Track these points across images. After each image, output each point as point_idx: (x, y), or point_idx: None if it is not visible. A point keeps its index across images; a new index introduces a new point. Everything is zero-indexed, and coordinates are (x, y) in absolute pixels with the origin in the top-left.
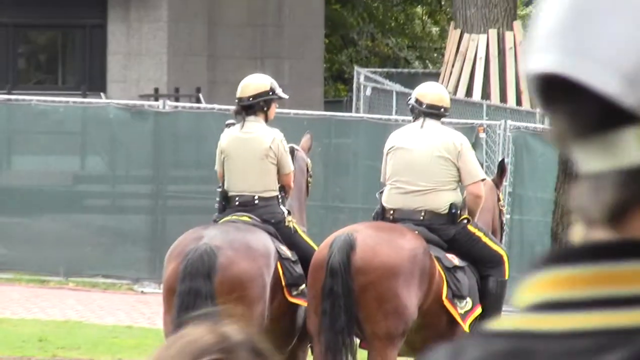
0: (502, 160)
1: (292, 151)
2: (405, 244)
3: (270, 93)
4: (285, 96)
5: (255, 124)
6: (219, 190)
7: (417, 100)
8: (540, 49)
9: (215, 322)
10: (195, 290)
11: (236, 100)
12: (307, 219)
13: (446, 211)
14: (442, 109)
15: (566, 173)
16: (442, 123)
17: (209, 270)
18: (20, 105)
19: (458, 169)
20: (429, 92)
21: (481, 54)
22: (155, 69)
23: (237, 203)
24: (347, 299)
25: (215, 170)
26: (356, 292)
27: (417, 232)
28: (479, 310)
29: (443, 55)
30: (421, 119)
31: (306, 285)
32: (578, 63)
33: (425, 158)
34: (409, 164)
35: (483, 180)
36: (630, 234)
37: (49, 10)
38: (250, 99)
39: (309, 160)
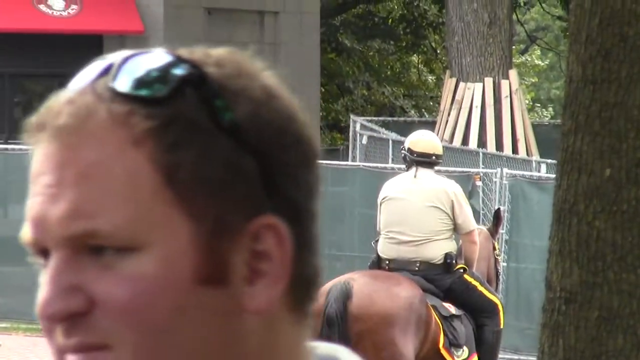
0: (498, 210)
1: None
2: (402, 292)
3: None
4: None
5: None
6: None
7: (409, 150)
8: None
9: None
10: None
11: None
12: None
13: (441, 261)
14: (434, 157)
15: (560, 221)
16: (438, 172)
17: None
18: (17, 155)
19: (452, 218)
20: (420, 140)
21: (477, 103)
22: None
23: None
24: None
25: None
26: (353, 340)
27: (413, 280)
28: (475, 359)
29: (439, 103)
30: (414, 168)
31: None
32: None
33: (418, 208)
34: (402, 214)
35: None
36: None
37: (45, 59)
38: None
39: None
